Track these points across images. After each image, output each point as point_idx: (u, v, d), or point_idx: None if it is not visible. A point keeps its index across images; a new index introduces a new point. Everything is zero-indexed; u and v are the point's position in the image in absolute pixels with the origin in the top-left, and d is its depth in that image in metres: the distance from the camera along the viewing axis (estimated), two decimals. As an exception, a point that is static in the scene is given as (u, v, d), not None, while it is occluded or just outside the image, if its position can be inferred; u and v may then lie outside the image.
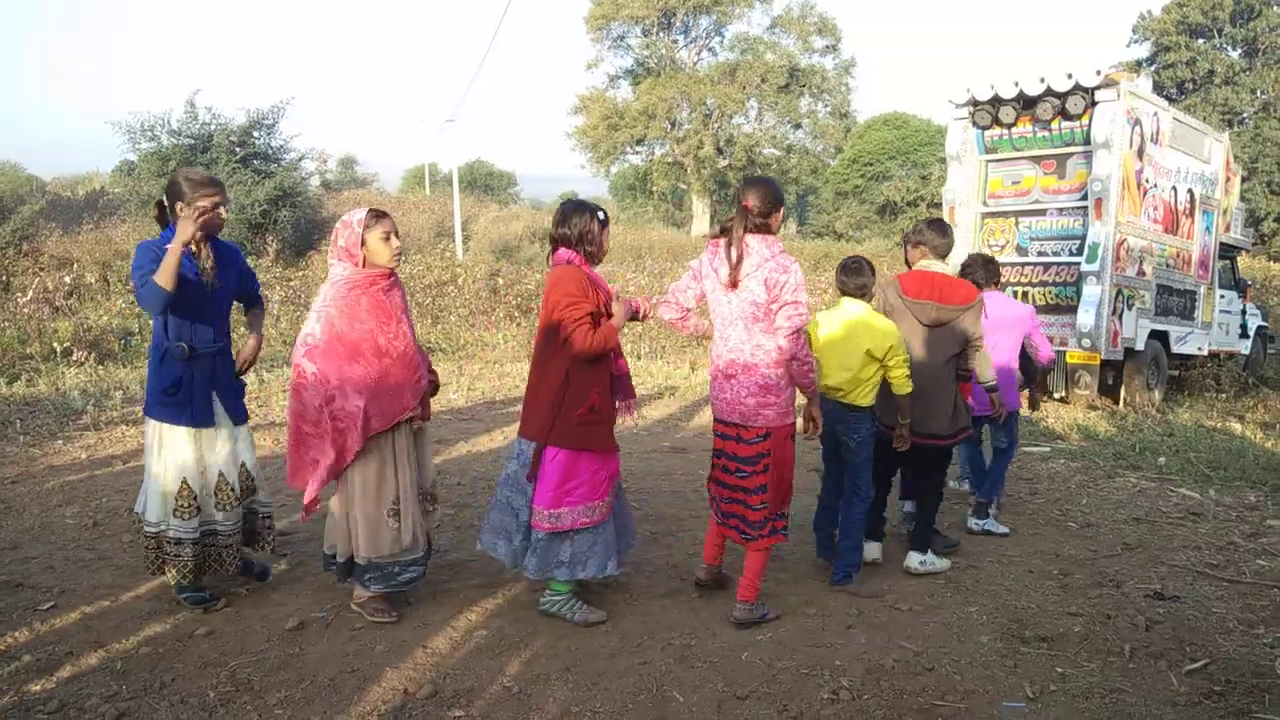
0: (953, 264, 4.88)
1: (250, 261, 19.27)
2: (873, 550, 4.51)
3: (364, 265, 3.64)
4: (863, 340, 4.13)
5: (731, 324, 3.71)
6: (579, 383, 3.62)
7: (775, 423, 3.67)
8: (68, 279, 13.96)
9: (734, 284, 3.65)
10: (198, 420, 3.73)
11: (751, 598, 3.77)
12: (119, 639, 3.53)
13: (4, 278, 14.70)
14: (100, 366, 10.85)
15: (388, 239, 3.66)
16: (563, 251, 3.72)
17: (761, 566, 3.80)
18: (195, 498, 3.74)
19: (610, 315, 3.69)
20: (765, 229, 3.69)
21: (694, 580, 4.16)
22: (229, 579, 4.04)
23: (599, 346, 3.59)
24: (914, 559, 4.45)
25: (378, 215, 3.69)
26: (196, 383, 3.72)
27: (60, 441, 7.19)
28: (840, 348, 4.18)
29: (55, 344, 11.04)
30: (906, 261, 4.81)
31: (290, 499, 5.37)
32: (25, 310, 12.07)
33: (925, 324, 4.37)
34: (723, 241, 3.70)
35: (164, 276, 3.41)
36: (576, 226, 3.70)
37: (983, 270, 5.23)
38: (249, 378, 8.73)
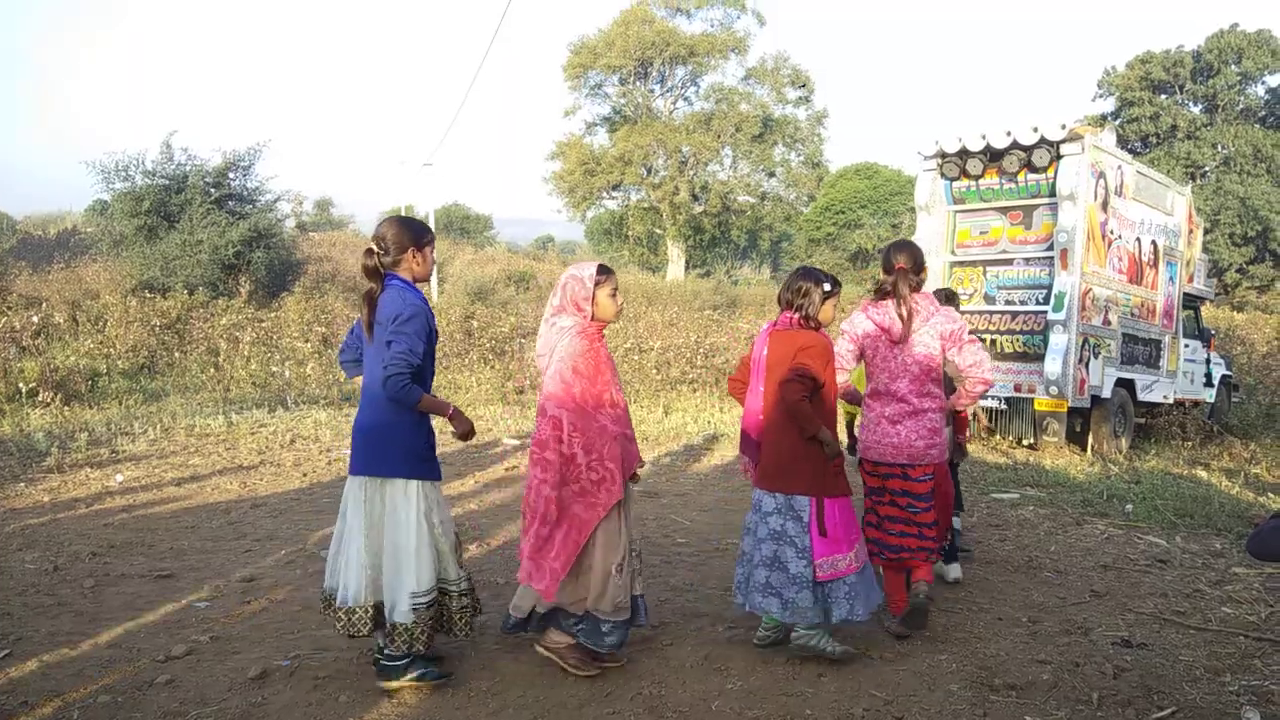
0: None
1: (221, 303, 18.93)
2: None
3: (590, 320, 3.63)
4: None
5: (898, 377, 4.12)
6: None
7: (938, 459, 4.17)
8: (35, 318, 13.79)
9: (904, 339, 4.09)
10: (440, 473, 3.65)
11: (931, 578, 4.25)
12: (77, 688, 3.46)
13: (-30, 317, 14.51)
14: (66, 408, 10.70)
15: (614, 295, 3.69)
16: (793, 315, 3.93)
17: None
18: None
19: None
20: (920, 286, 4.20)
21: (893, 635, 4.15)
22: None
23: None
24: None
25: (606, 271, 3.68)
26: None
27: (22, 484, 7.06)
28: None
29: (21, 384, 10.88)
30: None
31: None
32: (-10, 350, 11.92)
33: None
34: (891, 302, 4.13)
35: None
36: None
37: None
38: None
